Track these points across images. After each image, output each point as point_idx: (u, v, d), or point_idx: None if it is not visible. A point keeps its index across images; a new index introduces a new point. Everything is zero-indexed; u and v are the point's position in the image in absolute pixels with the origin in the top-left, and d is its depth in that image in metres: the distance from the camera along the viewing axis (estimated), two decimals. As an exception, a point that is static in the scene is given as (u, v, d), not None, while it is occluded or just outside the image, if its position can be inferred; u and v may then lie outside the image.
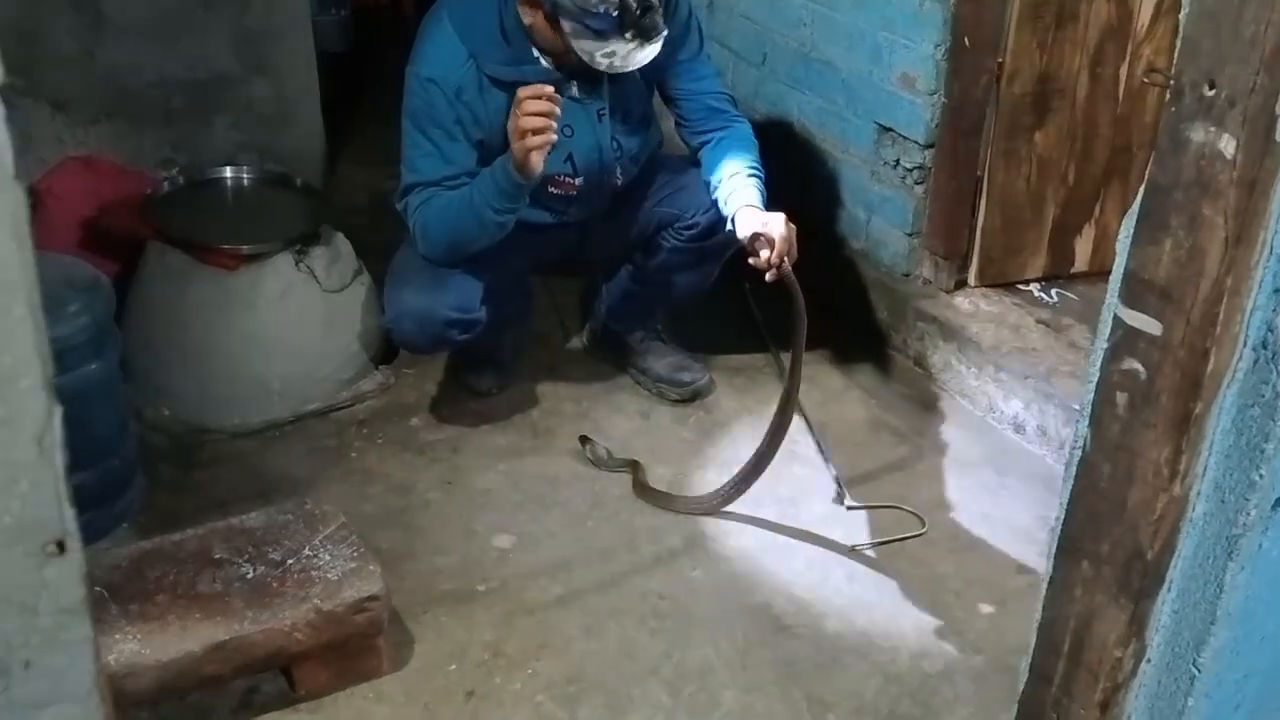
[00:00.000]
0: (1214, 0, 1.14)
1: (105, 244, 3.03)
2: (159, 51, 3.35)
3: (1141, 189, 1.24)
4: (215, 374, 2.91)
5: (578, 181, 2.79)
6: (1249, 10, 1.12)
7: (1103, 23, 2.94)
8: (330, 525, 2.29)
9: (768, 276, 2.55)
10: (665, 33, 2.57)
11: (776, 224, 2.57)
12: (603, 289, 3.19)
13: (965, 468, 2.89)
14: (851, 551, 2.62)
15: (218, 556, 2.20)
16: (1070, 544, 1.38)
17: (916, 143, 3.07)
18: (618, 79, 2.71)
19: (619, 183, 2.86)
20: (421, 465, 2.85)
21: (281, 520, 2.30)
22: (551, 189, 2.77)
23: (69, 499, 0.79)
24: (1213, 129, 1.16)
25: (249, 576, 2.16)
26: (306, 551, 2.22)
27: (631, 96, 2.80)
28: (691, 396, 3.10)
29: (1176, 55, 1.19)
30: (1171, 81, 1.20)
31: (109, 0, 3.25)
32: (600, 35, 2.51)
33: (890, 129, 3.13)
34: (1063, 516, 1.39)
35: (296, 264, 2.93)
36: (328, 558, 2.21)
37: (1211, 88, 1.15)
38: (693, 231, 2.86)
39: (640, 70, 2.77)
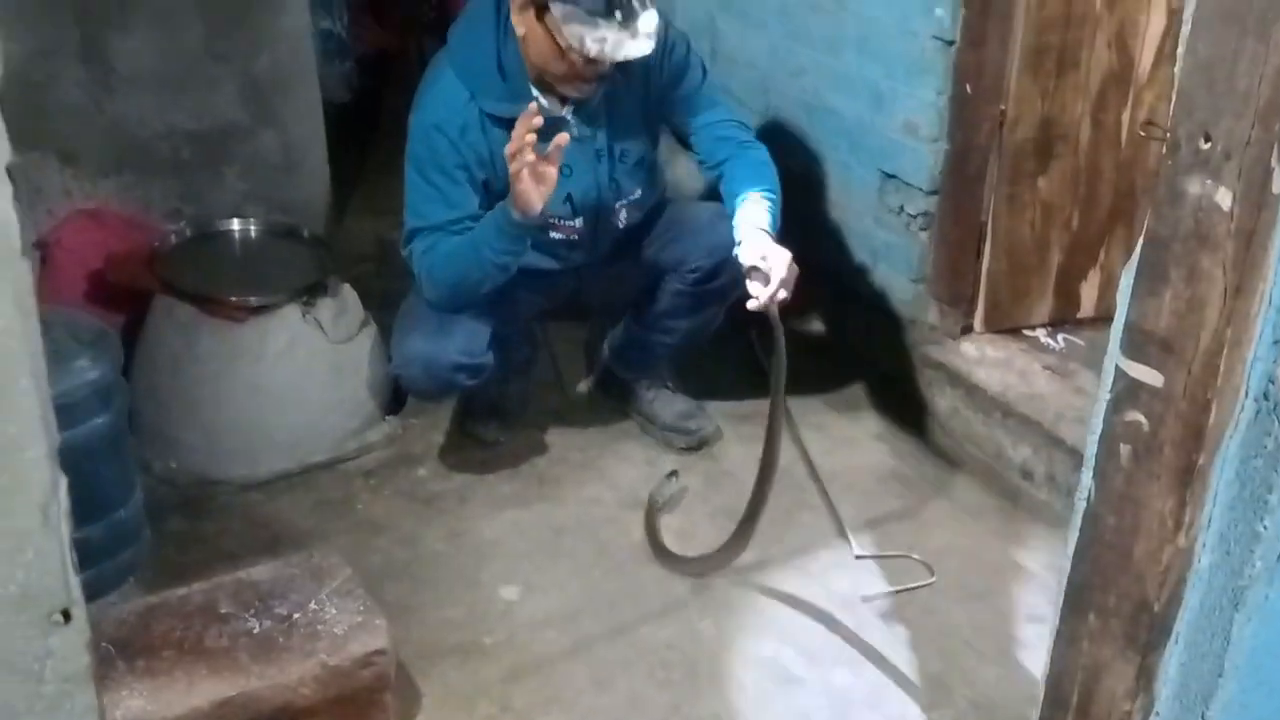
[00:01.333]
0: (1208, 54, 1.15)
1: (113, 296, 3.05)
2: (167, 103, 3.38)
3: (1140, 241, 1.24)
4: (222, 426, 2.92)
5: (577, 223, 2.80)
6: (1242, 64, 1.12)
7: (1104, 69, 2.95)
8: (337, 578, 2.28)
9: (750, 305, 2.54)
10: (655, 21, 2.56)
11: (779, 262, 2.54)
12: (608, 335, 3.19)
13: (974, 515, 2.88)
14: (861, 601, 2.60)
15: (224, 611, 2.19)
16: (1077, 596, 1.38)
17: (920, 189, 3.08)
18: (616, 117, 2.74)
19: (620, 225, 2.87)
20: (428, 516, 2.85)
21: (288, 574, 2.29)
22: (553, 233, 2.78)
23: (75, 568, 0.79)
24: (1209, 181, 1.16)
25: (255, 631, 2.15)
26: (313, 605, 2.21)
27: (631, 135, 2.80)
28: (698, 445, 3.10)
29: (1172, 108, 1.20)
30: (1167, 134, 1.21)
31: (118, 53, 3.28)
32: (590, 18, 2.51)
33: (894, 175, 3.14)
34: (1069, 568, 1.38)
35: (303, 315, 2.94)
36: (334, 611, 2.21)
37: (1207, 141, 1.16)
38: (696, 275, 2.87)
39: (644, 111, 2.77)
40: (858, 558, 2.72)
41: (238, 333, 2.90)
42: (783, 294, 2.52)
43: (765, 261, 2.54)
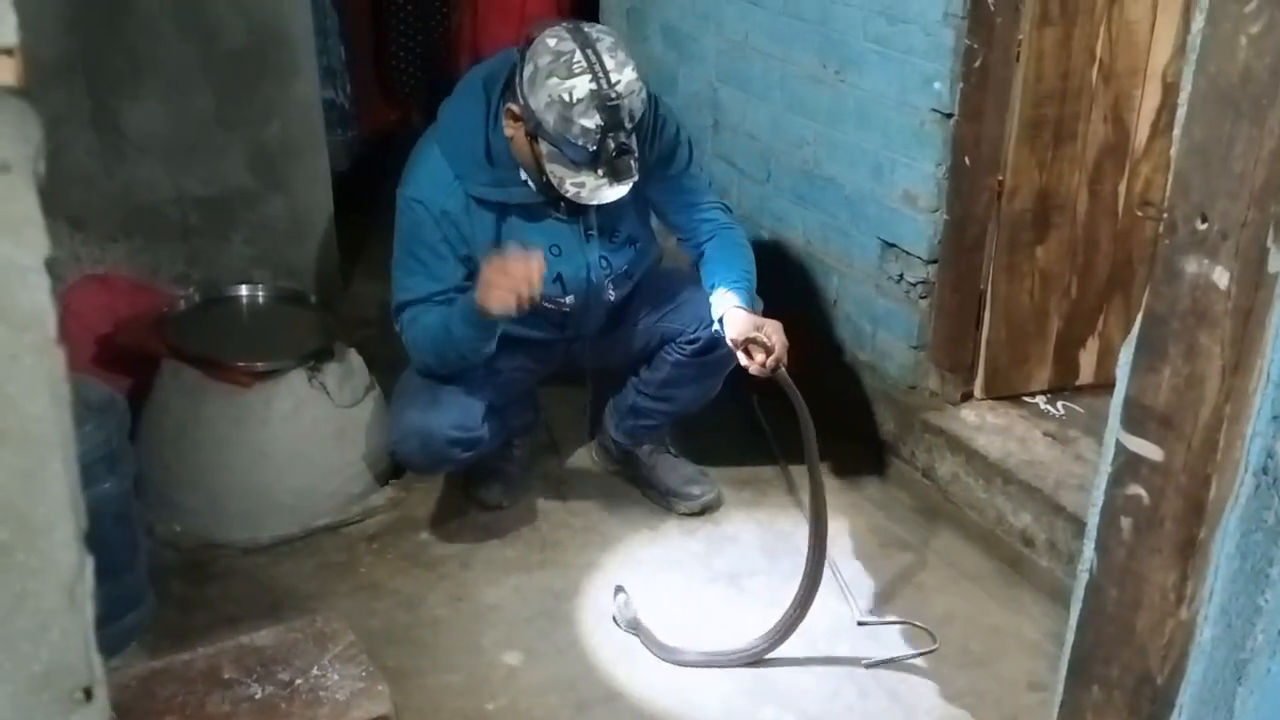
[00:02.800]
0: (1204, 137, 1.18)
1: (121, 361, 3.07)
2: (177, 169, 3.43)
3: (1139, 318, 1.27)
4: (227, 490, 2.93)
5: (568, 300, 2.83)
6: (1238, 146, 1.15)
7: (1100, 141, 3.00)
8: (339, 644, 2.28)
9: (754, 370, 2.61)
10: (636, 178, 2.62)
11: (775, 329, 2.63)
12: (609, 403, 3.21)
13: (975, 581, 2.89)
14: (863, 667, 2.60)
15: (227, 676, 2.19)
16: (1080, 668, 1.39)
17: (920, 258, 3.11)
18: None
19: (612, 298, 2.90)
20: (430, 581, 2.85)
21: (290, 639, 2.29)
22: (546, 305, 2.81)
23: (97, 647, 0.80)
24: (1206, 261, 1.19)
25: (257, 697, 2.15)
26: (315, 671, 2.21)
27: (620, 216, 2.82)
28: (700, 510, 3.10)
29: (1169, 189, 1.23)
30: (1165, 215, 1.24)
31: (129, 120, 3.33)
32: (574, 165, 2.57)
33: (894, 244, 3.18)
34: (1071, 640, 1.39)
35: (309, 380, 2.96)
36: (336, 677, 2.20)
37: (1204, 221, 1.19)
38: (695, 346, 2.90)
39: (633, 188, 2.76)
40: (860, 624, 2.72)
41: (244, 398, 2.91)
42: (783, 359, 2.60)
43: (760, 332, 2.62)
